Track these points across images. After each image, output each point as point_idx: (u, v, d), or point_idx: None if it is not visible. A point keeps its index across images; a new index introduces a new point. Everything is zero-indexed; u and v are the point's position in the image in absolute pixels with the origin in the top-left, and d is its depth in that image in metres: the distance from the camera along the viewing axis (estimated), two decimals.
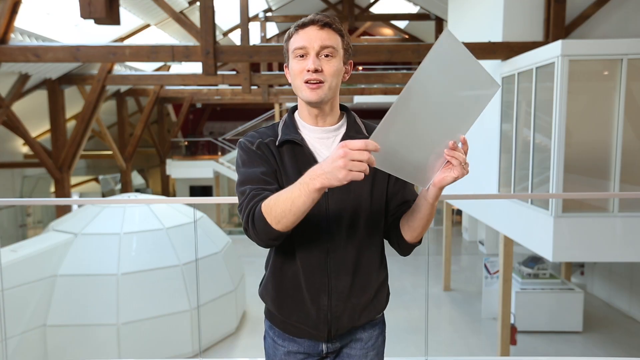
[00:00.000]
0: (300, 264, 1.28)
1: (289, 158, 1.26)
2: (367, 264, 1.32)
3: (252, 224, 1.15)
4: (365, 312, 1.35)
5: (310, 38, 1.19)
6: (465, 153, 1.15)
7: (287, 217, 1.08)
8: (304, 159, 1.25)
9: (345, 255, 1.28)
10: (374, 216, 1.31)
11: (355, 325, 1.35)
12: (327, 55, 1.20)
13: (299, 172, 1.21)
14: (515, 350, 7.69)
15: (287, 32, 1.26)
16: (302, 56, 1.20)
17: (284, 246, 1.29)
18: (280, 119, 1.36)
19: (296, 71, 1.21)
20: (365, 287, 1.33)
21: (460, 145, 1.14)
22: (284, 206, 1.08)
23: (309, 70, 1.19)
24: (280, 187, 1.20)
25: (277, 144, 1.27)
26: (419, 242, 1.33)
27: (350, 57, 1.28)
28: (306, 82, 1.20)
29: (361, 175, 0.97)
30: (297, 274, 1.29)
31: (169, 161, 16.95)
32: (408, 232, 1.28)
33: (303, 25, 1.21)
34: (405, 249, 1.33)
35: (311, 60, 1.18)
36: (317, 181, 1.02)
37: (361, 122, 1.35)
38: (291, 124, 1.30)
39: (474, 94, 1.11)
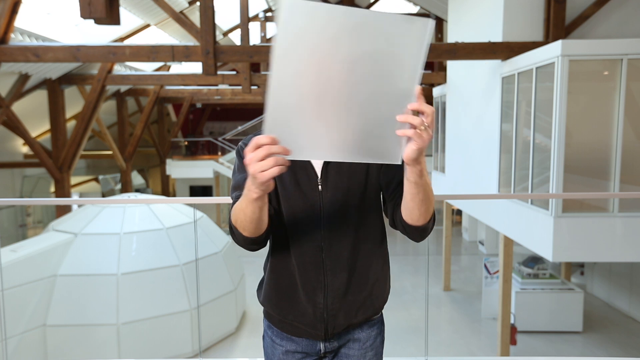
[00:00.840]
0: (296, 262, 1.29)
1: None
2: (363, 260, 1.32)
3: (232, 232, 1.21)
4: (362, 309, 1.35)
5: None
6: (428, 115, 0.96)
7: (247, 225, 1.13)
8: (299, 162, 1.26)
9: (341, 252, 1.29)
10: (369, 212, 1.31)
11: (353, 323, 1.35)
12: None
13: (294, 174, 1.25)
14: (515, 350, 7.69)
15: None
16: None
17: (279, 245, 1.31)
18: None
19: None
20: (362, 285, 1.33)
21: (413, 102, 0.96)
22: (241, 216, 1.12)
23: None
24: (273, 191, 1.23)
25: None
26: (426, 223, 1.20)
27: None
28: None
29: (276, 170, 0.94)
30: (293, 273, 1.30)
31: (169, 161, 16.95)
32: (406, 214, 1.20)
33: None
34: (410, 232, 1.24)
35: None
36: (252, 192, 1.03)
37: None
38: None
39: (389, 42, 0.92)
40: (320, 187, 1.27)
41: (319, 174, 1.27)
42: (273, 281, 1.35)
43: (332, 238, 1.28)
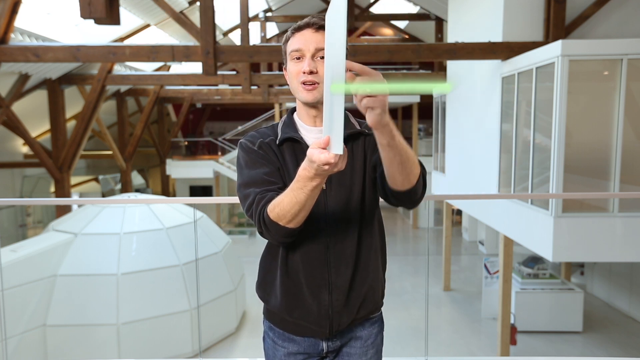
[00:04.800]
0: (301, 260, 1.30)
1: (290, 156, 1.29)
2: (366, 256, 1.34)
3: (266, 228, 1.18)
4: (363, 304, 1.36)
5: (306, 40, 1.23)
6: (366, 73, 0.97)
7: (299, 215, 1.13)
8: (303, 156, 1.27)
9: (345, 249, 1.30)
10: (370, 206, 1.34)
11: (355, 319, 1.36)
12: (322, 57, 1.22)
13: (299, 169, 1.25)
14: (515, 350, 7.68)
15: (285, 35, 1.30)
16: (298, 58, 1.24)
17: (284, 245, 1.31)
18: (279, 120, 1.39)
19: (293, 73, 1.25)
20: (364, 280, 1.35)
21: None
22: (295, 209, 1.11)
23: (304, 72, 1.22)
24: (285, 185, 1.23)
25: (277, 142, 1.30)
26: (413, 187, 1.20)
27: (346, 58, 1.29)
28: (302, 83, 1.23)
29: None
30: (297, 270, 1.31)
31: (169, 161, 16.94)
32: (391, 181, 1.21)
33: (299, 28, 1.25)
34: (400, 199, 1.24)
35: (307, 62, 1.22)
36: (315, 181, 1.05)
37: (355, 121, 1.38)
38: (290, 124, 1.33)
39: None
40: (324, 185, 1.28)
41: None
42: (277, 279, 1.35)
43: (337, 235, 1.30)
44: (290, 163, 1.28)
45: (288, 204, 1.11)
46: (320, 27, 1.23)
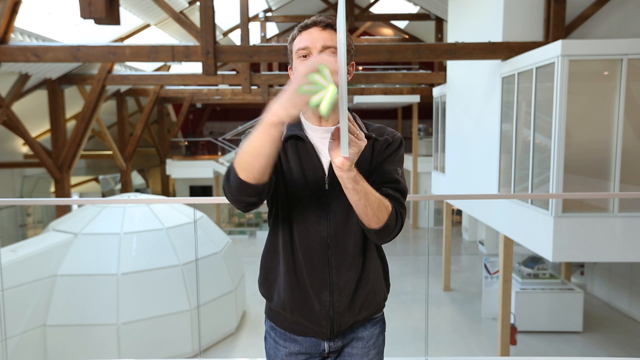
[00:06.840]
0: (303, 260, 1.30)
1: (293, 153, 1.29)
2: (366, 257, 1.35)
3: (227, 181, 1.17)
4: (365, 305, 1.36)
5: (313, 39, 1.23)
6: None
7: (251, 162, 1.09)
8: (307, 155, 1.28)
9: (346, 250, 1.31)
10: None
11: (357, 320, 1.37)
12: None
13: (302, 167, 1.26)
14: (515, 350, 7.69)
15: (291, 34, 1.30)
16: (305, 56, 1.24)
17: (286, 244, 1.32)
18: None
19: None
20: (365, 281, 1.35)
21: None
22: (247, 150, 1.08)
23: None
24: (277, 179, 1.26)
25: (282, 139, 1.28)
26: (379, 228, 1.21)
27: (352, 57, 1.31)
28: None
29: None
30: (300, 271, 1.31)
31: (169, 161, 16.95)
32: (361, 219, 1.22)
33: (306, 27, 1.25)
34: (371, 235, 1.25)
35: None
36: (273, 116, 1.02)
37: (362, 122, 1.37)
38: (296, 122, 1.32)
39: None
40: (327, 186, 1.28)
41: (326, 172, 1.28)
42: (280, 277, 1.35)
43: (338, 237, 1.30)
44: (292, 160, 1.28)
45: (246, 146, 1.09)
46: (327, 26, 1.24)
